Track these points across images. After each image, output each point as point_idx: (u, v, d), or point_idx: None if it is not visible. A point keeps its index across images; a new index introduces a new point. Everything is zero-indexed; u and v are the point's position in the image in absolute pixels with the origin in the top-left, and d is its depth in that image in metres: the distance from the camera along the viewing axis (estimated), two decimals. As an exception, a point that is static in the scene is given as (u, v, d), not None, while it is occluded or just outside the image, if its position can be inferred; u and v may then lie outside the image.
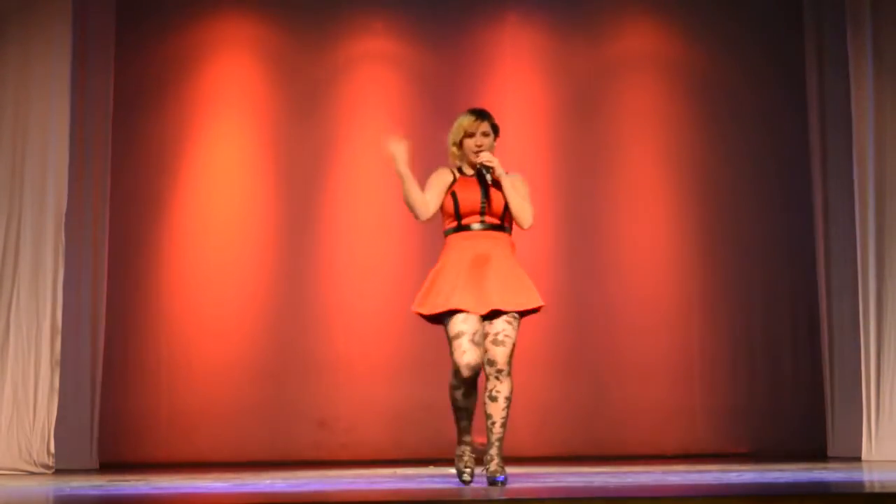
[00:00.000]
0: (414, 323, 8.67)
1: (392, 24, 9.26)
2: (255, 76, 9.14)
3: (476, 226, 5.29)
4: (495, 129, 5.41)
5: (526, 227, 5.33)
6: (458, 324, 5.16)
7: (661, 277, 9.09)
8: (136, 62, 8.86)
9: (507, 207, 5.30)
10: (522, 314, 5.25)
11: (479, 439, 8.52)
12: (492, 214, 5.29)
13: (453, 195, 5.34)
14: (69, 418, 7.70)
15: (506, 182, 5.29)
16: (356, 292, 8.88)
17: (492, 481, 5.23)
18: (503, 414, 5.17)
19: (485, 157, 5.29)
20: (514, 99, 9.22)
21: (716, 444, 8.80)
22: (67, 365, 7.68)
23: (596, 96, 9.29)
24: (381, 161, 9.02)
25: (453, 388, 5.29)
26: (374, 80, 9.19)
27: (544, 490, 5.27)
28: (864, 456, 7.87)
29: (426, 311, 5.32)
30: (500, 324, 5.18)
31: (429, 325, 5.38)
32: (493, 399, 5.17)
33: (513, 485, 5.60)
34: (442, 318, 5.25)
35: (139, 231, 8.82)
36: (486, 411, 5.20)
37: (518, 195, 5.30)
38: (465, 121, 5.37)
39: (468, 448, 5.48)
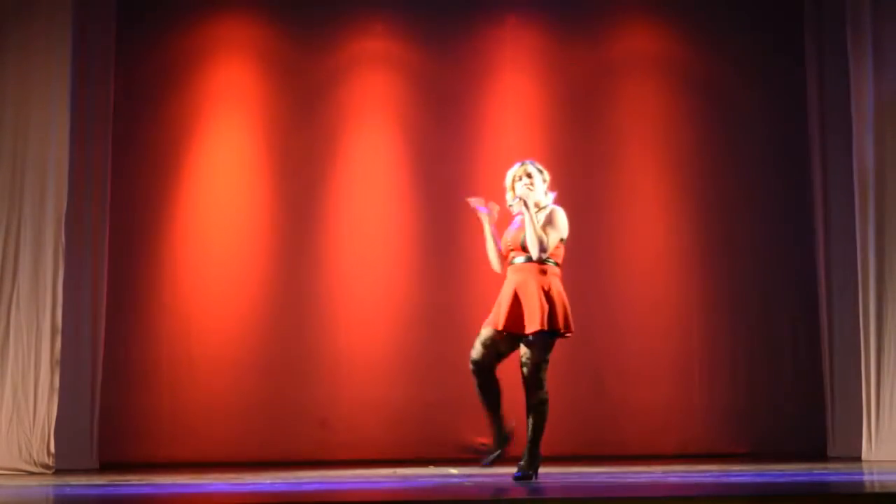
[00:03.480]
0: (414, 323, 8.77)
1: (392, 25, 9.25)
2: (255, 77, 9.13)
3: (517, 260, 5.96)
4: (540, 172, 6.08)
5: (534, 258, 5.89)
6: (482, 331, 5.93)
7: (661, 278, 9.08)
8: (136, 63, 8.85)
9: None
10: (543, 332, 5.83)
11: (481, 439, 8.57)
12: (519, 249, 5.95)
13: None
14: (69, 418, 7.70)
15: (530, 216, 5.89)
16: (357, 292, 8.87)
17: (515, 476, 5.78)
18: (530, 421, 5.83)
19: (520, 191, 5.98)
20: (513, 100, 9.22)
21: (715, 444, 8.79)
22: (67, 365, 7.68)
23: (595, 97, 9.27)
24: (382, 162, 9.19)
25: None
26: (374, 81, 9.18)
27: (545, 490, 5.27)
28: (864, 456, 7.88)
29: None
30: (523, 348, 5.86)
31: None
32: (527, 409, 5.84)
33: (513, 484, 5.60)
34: None
35: (139, 231, 8.81)
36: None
37: (536, 228, 5.88)
38: (513, 169, 6.12)
39: (495, 430, 5.91)
